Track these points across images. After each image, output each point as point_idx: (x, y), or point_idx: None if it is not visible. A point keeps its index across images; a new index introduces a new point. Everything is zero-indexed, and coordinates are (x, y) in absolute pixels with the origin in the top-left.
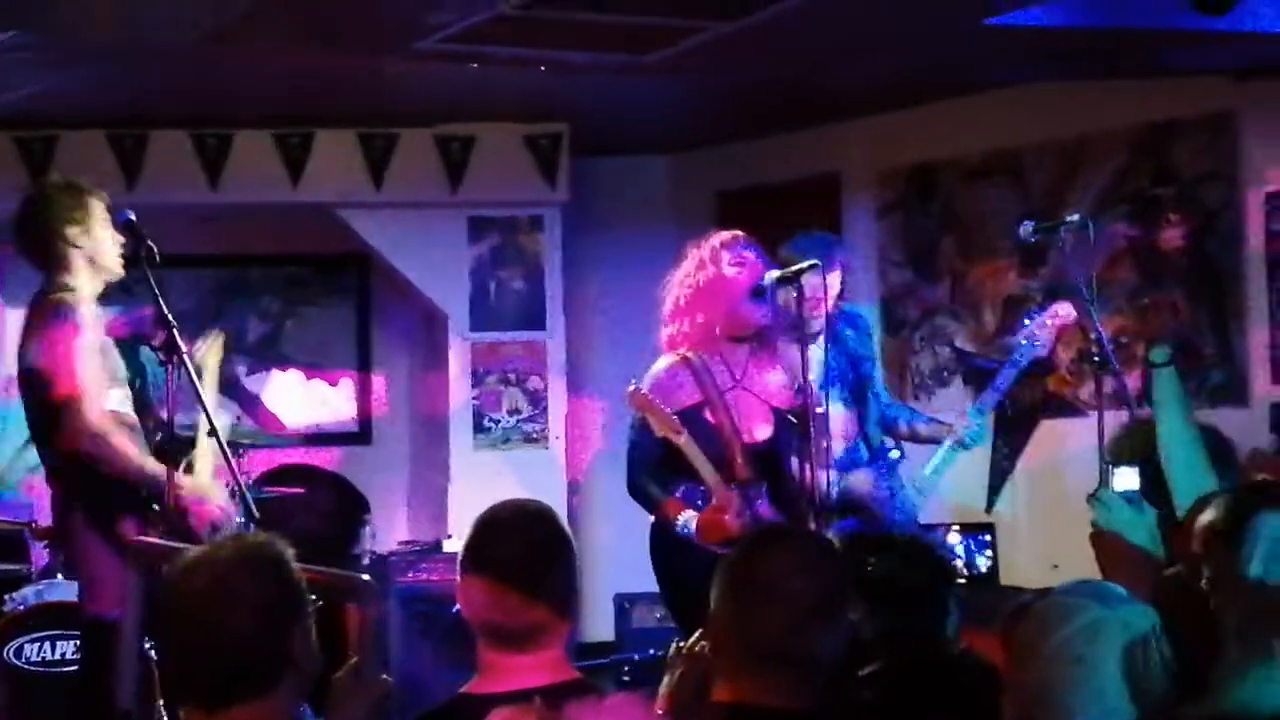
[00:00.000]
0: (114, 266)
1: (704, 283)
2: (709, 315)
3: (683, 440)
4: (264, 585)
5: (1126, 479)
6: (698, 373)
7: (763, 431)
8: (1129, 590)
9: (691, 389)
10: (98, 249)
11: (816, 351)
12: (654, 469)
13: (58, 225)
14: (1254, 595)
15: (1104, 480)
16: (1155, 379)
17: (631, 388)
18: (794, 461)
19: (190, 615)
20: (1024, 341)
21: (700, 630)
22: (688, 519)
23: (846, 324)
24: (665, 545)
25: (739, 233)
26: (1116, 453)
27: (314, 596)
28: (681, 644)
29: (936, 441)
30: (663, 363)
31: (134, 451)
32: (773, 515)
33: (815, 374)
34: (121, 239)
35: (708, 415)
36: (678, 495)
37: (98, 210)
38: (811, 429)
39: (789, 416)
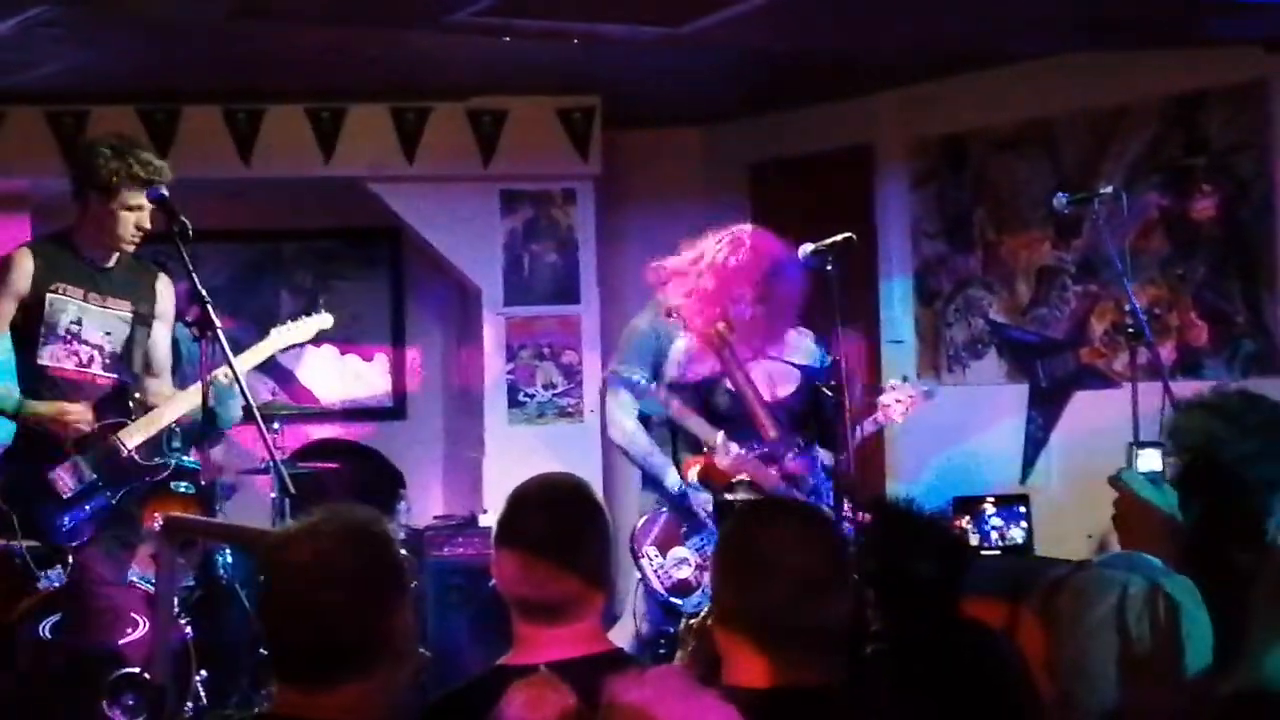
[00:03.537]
0: None
1: (735, 263)
2: (741, 291)
3: (674, 408)
4: (365, 563)
5: (1150, 460)
6: (716, 347)
7: (786, 388)
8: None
9: (711, 362)
10: None
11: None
12: (685, 435)
13: None
14: None
15: (1128, 461)
16: None
17: (606, 374)
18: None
19: (287, 590)
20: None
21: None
22: (694, 475)
23: None
24: None
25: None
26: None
27: None
28: (692, 620)
29: None
30: (680, 344)
31: None
32: (804, 470)
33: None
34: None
35: (728, 384)
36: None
37: None
38: (846, 398)
39: (824, 389)
